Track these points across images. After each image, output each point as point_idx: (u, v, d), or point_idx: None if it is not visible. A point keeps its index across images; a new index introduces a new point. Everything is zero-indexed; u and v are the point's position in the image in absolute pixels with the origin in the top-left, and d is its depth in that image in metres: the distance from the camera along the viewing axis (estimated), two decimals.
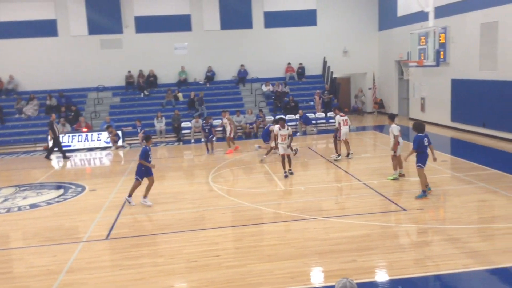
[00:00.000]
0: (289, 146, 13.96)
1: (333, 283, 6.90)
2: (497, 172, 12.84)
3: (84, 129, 21.82)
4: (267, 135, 17.00)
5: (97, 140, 21.39)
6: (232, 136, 19.14)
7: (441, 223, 9.31)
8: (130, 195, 11.61)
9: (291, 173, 13.70)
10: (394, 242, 8.40)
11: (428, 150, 10.90)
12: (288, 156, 13.66)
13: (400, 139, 12.54)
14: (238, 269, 7.58)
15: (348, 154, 15.63)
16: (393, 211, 10.14)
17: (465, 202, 10.45)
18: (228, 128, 19.08)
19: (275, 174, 13.88)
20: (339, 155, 15.41)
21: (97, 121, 23.58)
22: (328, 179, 13.55)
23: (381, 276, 7.27)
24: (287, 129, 13.62)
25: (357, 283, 4.13)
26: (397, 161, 12.65)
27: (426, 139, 10.80)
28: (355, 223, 9.45)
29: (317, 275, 7.39)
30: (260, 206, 10.94)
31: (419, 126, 11.02)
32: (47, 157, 19.06)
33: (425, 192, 10.86)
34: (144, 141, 11.97)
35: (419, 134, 10.86)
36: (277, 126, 13.99)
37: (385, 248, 8.11)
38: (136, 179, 11.52)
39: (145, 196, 11.52)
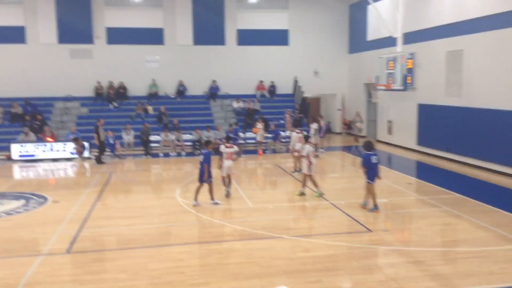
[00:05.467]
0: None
1: None
2: (460, 196, 13.14)
3: (49, 139, 21.28)
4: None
5: (63, 150, 20.88)
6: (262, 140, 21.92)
7: (405, 245, 9.42)
8: (212, 198, 12.31)
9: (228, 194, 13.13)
10: (359, 263, 8.44)
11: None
12: (229, 176, 13.20)
13: (313, 159, 12.99)
14: (203, 286, 7.46)
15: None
16: (359, 232, 10.21)
17: (429, 225, 10.63)
18: (259, 133, 21.80)
19: (244, 191, 13.82)
20: None
21: (63, 131, 23.04)
22: (296, 198, 13.55)
23: None
24: (232, 146, 13.27)
25: None
26: (311, 180, 13.12)
27: (374, 157, 11.43)
28: (321, 243, 9.47)
29: None
30: (227, 223, 10.85)
31: (368, 144, 11.76)
32: (99, 162, 19.42)
33: (377, 206, 11.56)
34: (205, 146, 12.78)
35: (367, 152, 11.54)
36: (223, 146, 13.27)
37: (350, 269, 8.14)
38: (203, 181, 12.14)
39: (212, 198, 12.33)
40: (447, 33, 18.83)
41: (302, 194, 13.30)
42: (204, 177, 12.11)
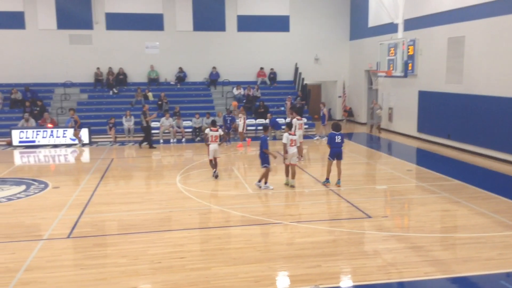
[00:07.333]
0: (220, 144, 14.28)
1: None
2: (460, 183, 13.17)
3: (49, 125, 21.28)
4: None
5: (63, 136, 20.92)
6: (244, 131, 20.96)
7: (405, 231, 9.47)
8: (260, 181, 12.66)
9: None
10: (358, 249, 8.49)
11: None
12: (215, 159, 13.92)
13: (290, 148, 12.63)
14: (203, 271, 7.51)
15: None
16: (358, 218, 10.26)
17: (428, 211, 10.67)
18: (241, 123, 20.78)
19: (243, 177, 13.85)
20: None
21: (63, 118, 23.03)
22: (296, 184, 13.58)
23: (345, 282, 7.33)
24: (217, 130, 13.92)
25: None
26: (286, 169, 12.97)
27: (339, 137, 12.60)
28: (321, 228, 9.52)
29: (281, 280, 7.39)
30: (227, 209, 10.89)
31: (335, 125, 12.92)
32: (151, 146, 19.96)
33: (328, 180, 12.83)
34: (263, 131, 13.23)
35: (333, 132, 12.73)
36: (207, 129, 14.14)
37: (349, 254, 8.19)
38: (265, 166, 12.48)
39: (259, 181, 12.66)
40: (449, 20, 18.70)
41: (287, 184, 13.02)
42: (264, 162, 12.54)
